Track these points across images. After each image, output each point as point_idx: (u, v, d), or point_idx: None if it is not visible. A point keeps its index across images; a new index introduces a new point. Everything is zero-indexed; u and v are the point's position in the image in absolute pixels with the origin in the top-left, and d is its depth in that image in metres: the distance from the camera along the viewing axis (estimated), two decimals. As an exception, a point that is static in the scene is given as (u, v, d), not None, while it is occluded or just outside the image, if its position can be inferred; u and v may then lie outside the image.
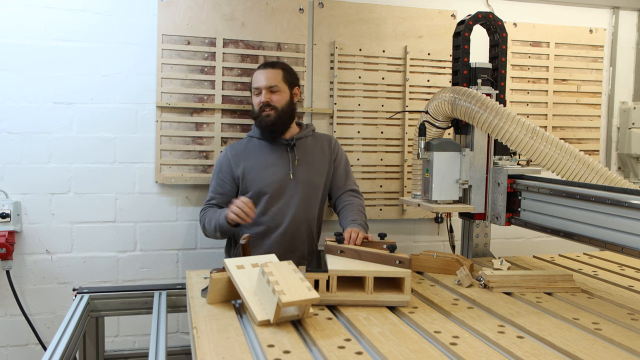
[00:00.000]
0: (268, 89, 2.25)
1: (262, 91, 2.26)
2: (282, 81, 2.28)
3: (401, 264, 1.59)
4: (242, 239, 1.79)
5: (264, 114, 2.25)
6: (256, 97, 2.29)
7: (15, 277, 2.45)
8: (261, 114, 2.26)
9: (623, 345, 1.30)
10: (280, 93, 2.27)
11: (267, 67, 2.30)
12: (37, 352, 2.51)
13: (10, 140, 2.42)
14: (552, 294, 1.74)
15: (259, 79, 2.27)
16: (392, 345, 1.29)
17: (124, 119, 2.53)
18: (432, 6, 2.85)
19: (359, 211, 2.28)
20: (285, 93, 2.29)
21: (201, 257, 2.67)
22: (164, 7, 2.52)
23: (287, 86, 2.30)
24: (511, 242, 3.09)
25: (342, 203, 2.34)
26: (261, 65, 2.35)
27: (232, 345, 1.28)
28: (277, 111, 2.26)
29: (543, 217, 1.88)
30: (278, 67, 2.31)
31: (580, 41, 3.06)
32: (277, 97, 2.26)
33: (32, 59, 2.42)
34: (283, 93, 2.28)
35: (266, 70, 2.29)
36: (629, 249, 1.51)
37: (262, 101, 2.25)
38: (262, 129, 2.29)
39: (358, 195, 2.38)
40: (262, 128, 2.29)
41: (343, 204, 2.33)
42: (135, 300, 2.07)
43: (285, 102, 2.28)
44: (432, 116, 2.19)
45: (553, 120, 3.04)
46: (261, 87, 2.26)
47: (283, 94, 2.28)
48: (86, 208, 2.51)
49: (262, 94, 2.25)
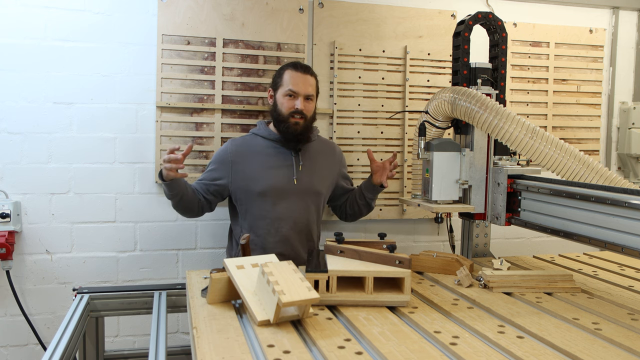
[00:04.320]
0: (305, 96, 2.19)
1: (300, 98, 2.18)
2: (315, 90, 2.25)
3: (401, 264, 1.59)
4: (242, 239, 1.79)
5: (293, 121, 2.17)
6: (288, 100, 2.18)
7: (15, 277, 2.45)
8: (290, 120, 2.17)
9: (623, 345, 1.30)
10: (312, 103, 2.23)
11: (307, 73, 2.22)
12: (37, 352, 2.51)
13: (10, 140, 2.42)
14: (552, 294, 1.74)
15: (299, 83, 2.18)
16: (392, 345, 1.29)
17: (124, 119, 2.53)
18: (432, 6, 2.85)
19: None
20: (314, 103, 2.26)
21: (201, 257, 2.67)
22: (164, 7, 2.52)
23: (315, 96, 2.27)
24: (511, 242, 3.09)
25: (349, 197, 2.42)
26: (299, 68, 2.22)
27: (232, 345, 1.28)
28: (306, 121, 2.20)
29: (543, 217, 1.88)
30: (313, 74, 2.25)
31: (580, 41, 3.06)
32: (309, 106, 2.21)
33: (32, 59, 2.42)
34: (313, 103, 2.24)
35: (305, 76, 2.21)
36: (629, 249, 1.51)
37: (297, 108, 2.17)
38: (288, 134, 2.19)
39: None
40: (287, 134, 2.19)
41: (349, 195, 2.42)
42: (135, 300, 2.07)
43: (312, 112, 2.25)
44: (432, 116, 2.19)
45: (553, 120, 3.04)
46: (300, 93, 2.18)
47: (313, 104, 2.24)
48: (86, 208, 2.51)
49: (299, 101, 2.17)
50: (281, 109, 2.20)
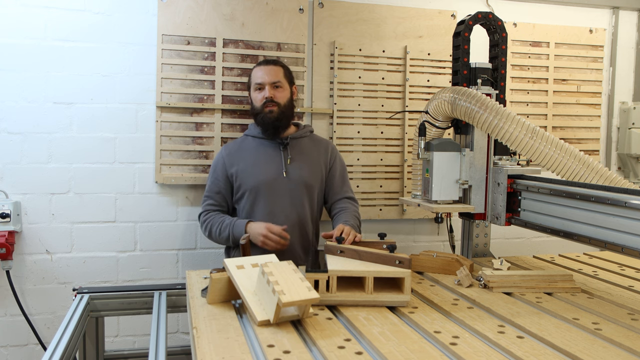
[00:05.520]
0: (272, 84, 2.26)
1: (266, 87, 2.25)
2: (283, 78, 2.30)
3: (401, 264, 1.59)
4: (242, 239, 1.80)
5: (267, 110, 2.24)
6: (258, 93, 2.27)
7: (15, 277, 2.45)
8: (264, 110, 2.25)
9: (623, 345, 1.30)
10: (283, 90, 2.28)
11: (269, 64, 2.30)
12: (37, 352, 2.51)
13: (10, 140, 2.42)
14: (552, 294, 1.74)
15: (261, 75, 2.26)
16: (392, 345, 1.29)
17: (124, 119, 2.53)
18: (432, 6, 2.85)
19: (353, 216, 2.27)
20: (287, 90, 2.31)
21: (201, 257, 2.67)
22: (163, 7, 2.52)
23: (287, 83, 2.32)
24: (511, 242, 3.09)
25: (336, 209, 2.34)
26: (261, 62, 2.34)
27: (232, 345, 1.28)
28: (280, 107, 2.26)
29: (543, 217, 1.88)
30: (278, 64, 2.33)
31: (580, 41, 3.06)
32: (279, 93, 2.27)
33: (32, 59, 2.42)
34: (285, 90, 2.29)
35: (268, 66, 2.29)
36: (629, 249, 1.51)
37: (266, 96, 2.24)
38: (265, 125, 2.26)
39: (354, 202, 2.37)
40: (265, 124, 2.27)
41: (337, 209, 2.33)
42: (135, 300, 2.07)
43: (287, 99, 2.29)
44: (432, 116, 2.19)
45: (553, 120, 3.04)
46: (265, 83, 2.25)
47: (285, 91, 2.29)
48: (86, 208, 2.51)
49: (266, 90, 2.25)
50: (255, 104, 2.29)
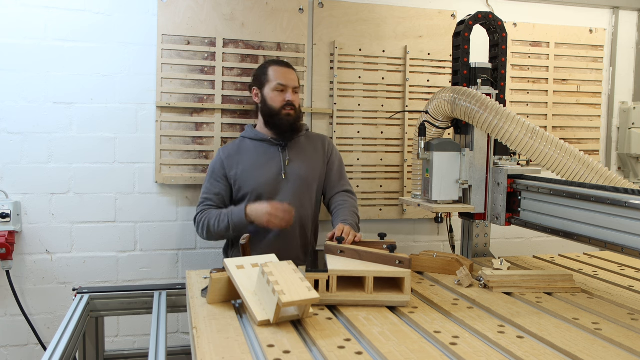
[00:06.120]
0: (294, 88, 2.29)
1: (290, 90, 2.27)
2: (299, 84, 2.34)
3: (401, 264, 1.59)
4: (242, 239, 1.79)
5: (285, 112, 2.26)
6: (278, 94, 2.27)
7: (15, 277, 2.45)
8: (282, 112, 2.26)
9: (623, 345, 1.30)
10: (299, 95, 2.33)
11: (290, 68, 2.33)
12: (37, 352, 2.51)
13: (10, 140, 2.42)
14: (552, 294, 1.74)
15: (286, 77, 2.28)
16: (392, 345, 1.29)
17: (124, 119, 2.53)
18: (432, 6, 2.85)
19: (351, 212, 2.26)
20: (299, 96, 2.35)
21: (201, 257, 2.67)
22: (163, 7, 2.52)
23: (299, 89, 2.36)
24: (511, 242, 3.09)
25: (335, 203, 2.33)
26: (282, 64, 2.33)
27: (232, 345, 1.28)
28: (297, 112, 2.30)
29: (543, 217, 1.88)
30: (294, 69, 2.36)
31: (580, 41, 3.06)
32: (297, 98, 2.31)
33: (32, 59, 2.42)
34: (299, 96, 2.34)
35: (291, 70, 2.32)
36: (629, 249, 1.51)
37: (288, 99, 2.26)
38: (283, 126, 2.27)
39: (352, 196, 2.37)
40: (282, 126, 2.27)
41: (336, 203, 2.32)
42: (135, 300, 2.07)
43: (300, 104, 2.34)
44: (432, 116, 2.19)
45: (553, 120, 3.04)
46: (289, 86, 2.27)
47: (299, 97, 2.34)
48: (86, 208, 2.51)
49: (289, 93, 2.27)
50: (272, 104, 2.27)
